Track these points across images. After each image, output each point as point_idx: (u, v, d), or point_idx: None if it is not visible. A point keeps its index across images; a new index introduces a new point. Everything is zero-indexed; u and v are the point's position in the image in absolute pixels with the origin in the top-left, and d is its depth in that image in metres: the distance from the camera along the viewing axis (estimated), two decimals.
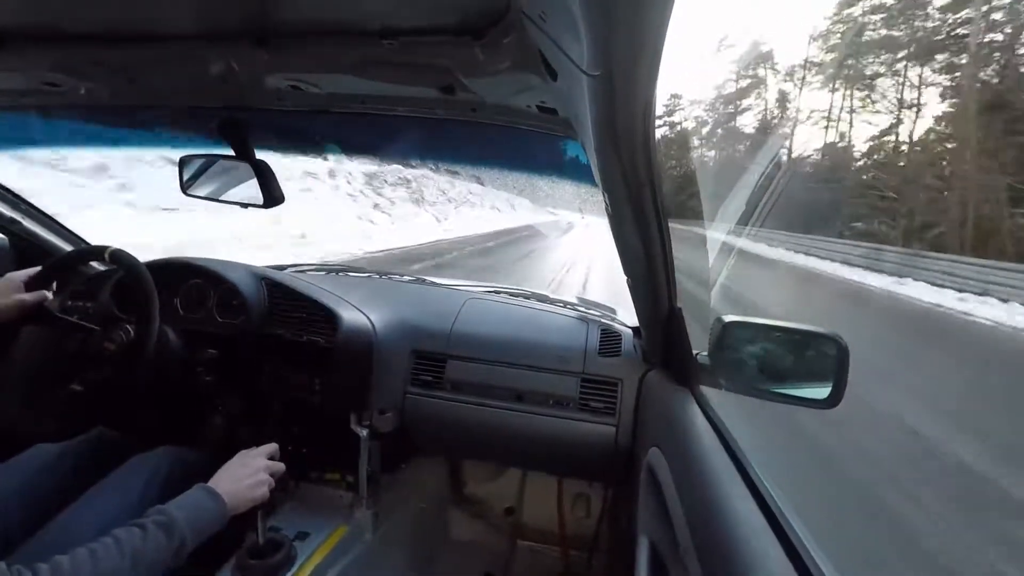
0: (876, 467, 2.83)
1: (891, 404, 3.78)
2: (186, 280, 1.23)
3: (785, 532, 0.52)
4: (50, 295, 1.03)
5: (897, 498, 2.44)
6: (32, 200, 1.36)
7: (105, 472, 0.96)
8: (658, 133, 0.49)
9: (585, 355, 1.22)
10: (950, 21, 20.79)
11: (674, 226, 0.69)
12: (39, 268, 1.06)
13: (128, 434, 1.14)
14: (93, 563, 0.62)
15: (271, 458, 0.96)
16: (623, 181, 0.55)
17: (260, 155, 1.03)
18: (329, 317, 1.17)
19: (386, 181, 15.77)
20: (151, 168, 7.56)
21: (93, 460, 1.03)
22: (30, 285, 1.02)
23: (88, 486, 0.93)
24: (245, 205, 1.09)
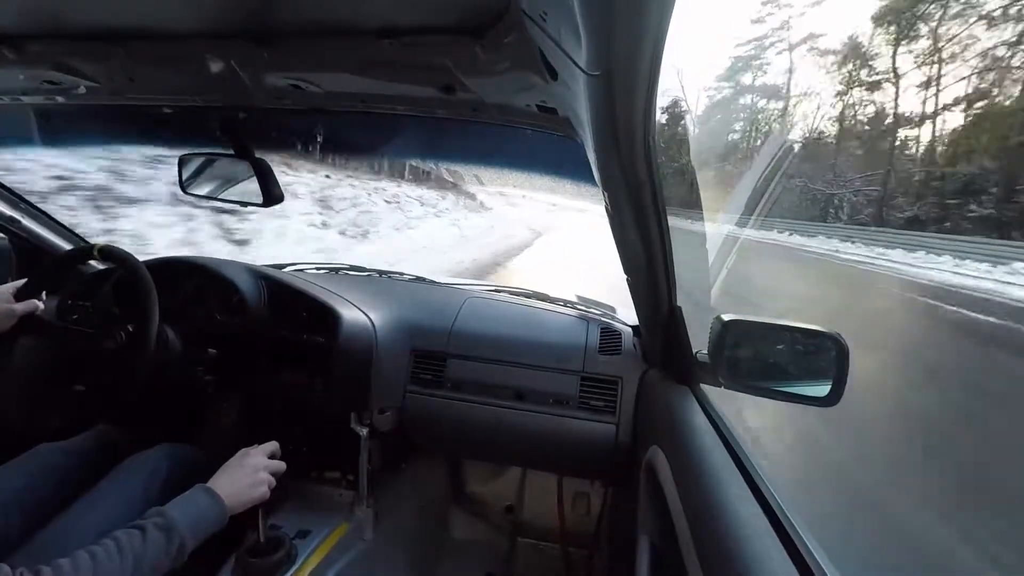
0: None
1: None
2: (186, 279, 1.23)
3: (786, 531, 0.52)
4: (41, 304, 1.02)
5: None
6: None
7: (106, 472, 0.97)
8: (658, 132, 0.49)
9: (585, 354, 1.22)
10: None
11: (675, 223, 0.69)
12: (25, 279, 1.05)
13: (129, 433, 1.15)
14: (94, 566, 0.62)
15: (271, 456, 0.96)
16: (623, 180, 0.56)
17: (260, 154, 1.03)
18: (329, 316, 1.17)
19: None
20: None
21: (93, 460, 1.03)
22: (19, 295, 1.01)
23: (88, 486, 0.93)
24: (245, 204, 1.09)
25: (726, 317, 0.82)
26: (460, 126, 0.89)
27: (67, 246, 1.44)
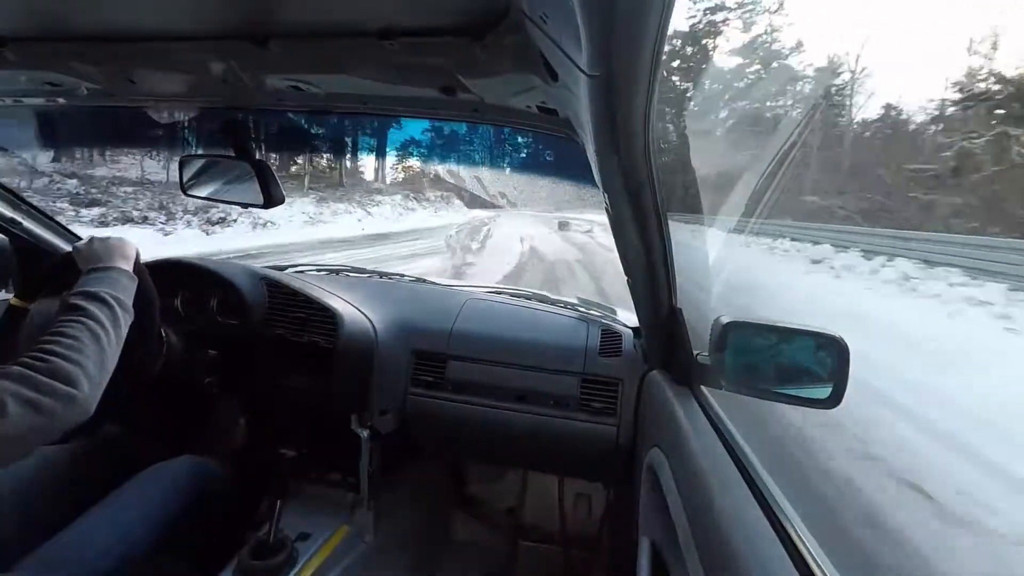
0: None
1: None
2: (186, 281, 1.23)
3: (787, 532, 0.52)
4: None
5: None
6: None
7: (104, 474, 0.97)
8: (658, 133, 0.49)
9: (586, 355, 1.22)
10: None
11: (676, 224, 0.68)
12: None
13: (130, 435, 1.15)
14: (78, 341, 0.64)
15: None
16: (623, 181, 0.56)
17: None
18: (330, 317, 1.17)
19: None
20: None
21: (91, 462, 1.03)
22: None
23: (87, 489, 0.93)
24: (246, 205, 1.09)
25: (726, 319, 0.82)
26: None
27: (67, 247, 1.44)
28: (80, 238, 1.48)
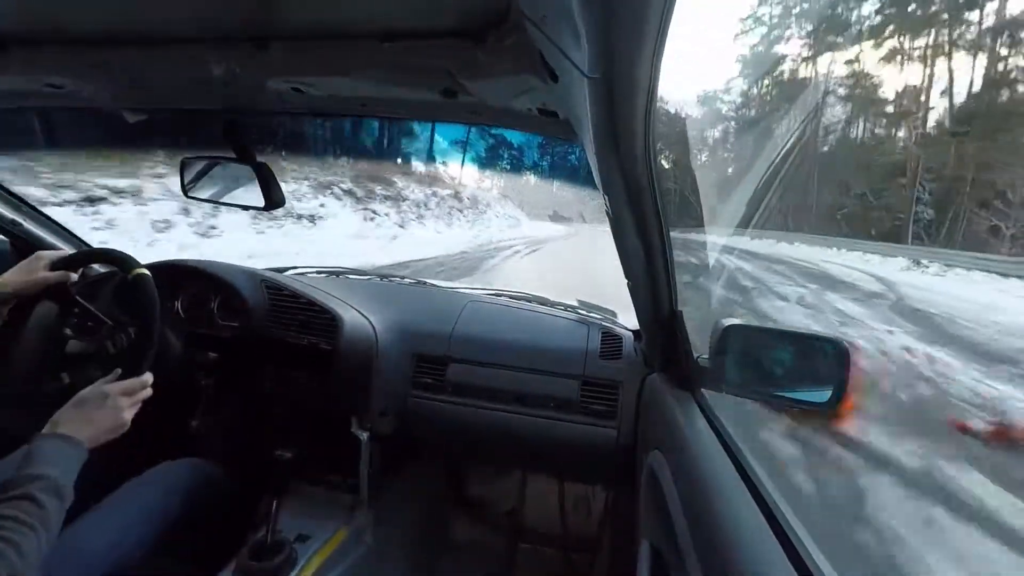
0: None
1: None
2: (187, 283, 1.23)
3: (787, 535, 0.52)
4: (74, 276, 1.01)
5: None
6: None
7: (103, 475, 0.96)
8: (658, 135, 0.49)
9: (586, 358, 1.22)
10: None
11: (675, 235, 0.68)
12: (70, 253, 1.05)
13: (129, 436, 1.14)
14: (17, 551, 0.61)
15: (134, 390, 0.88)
16: (623, 183, 0.56)
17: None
18: (330, 320, 1.17)
19: None
20: None
21: (89, 464, 1.03)
22: (56, 265, 1.01)
23: (86, 490, 0.93)
24: (246, 207, 1.10)
25: (727, 322, 0.82)
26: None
27: (68, 248, 1.44)
28: (85, 243, 1.48)
